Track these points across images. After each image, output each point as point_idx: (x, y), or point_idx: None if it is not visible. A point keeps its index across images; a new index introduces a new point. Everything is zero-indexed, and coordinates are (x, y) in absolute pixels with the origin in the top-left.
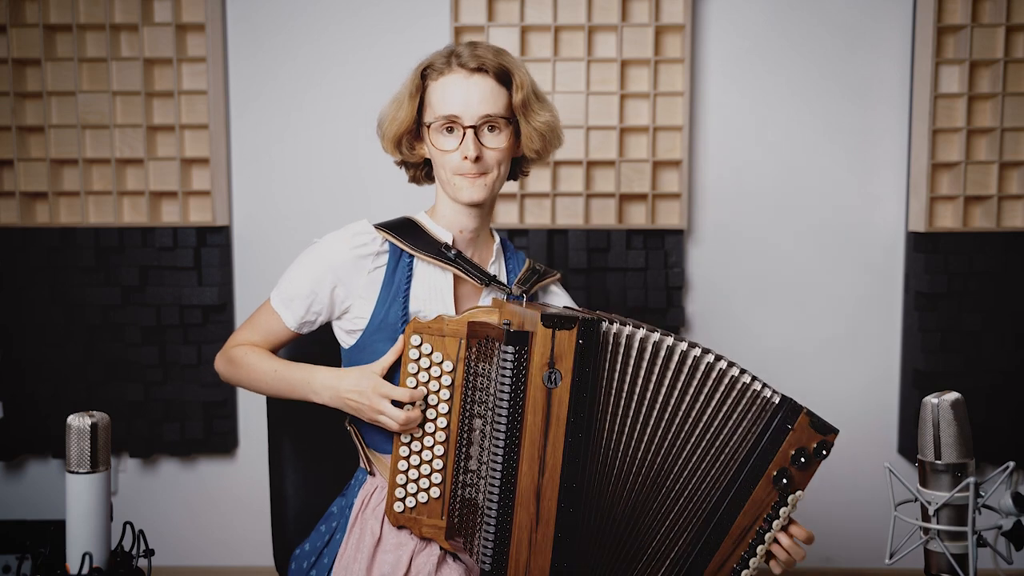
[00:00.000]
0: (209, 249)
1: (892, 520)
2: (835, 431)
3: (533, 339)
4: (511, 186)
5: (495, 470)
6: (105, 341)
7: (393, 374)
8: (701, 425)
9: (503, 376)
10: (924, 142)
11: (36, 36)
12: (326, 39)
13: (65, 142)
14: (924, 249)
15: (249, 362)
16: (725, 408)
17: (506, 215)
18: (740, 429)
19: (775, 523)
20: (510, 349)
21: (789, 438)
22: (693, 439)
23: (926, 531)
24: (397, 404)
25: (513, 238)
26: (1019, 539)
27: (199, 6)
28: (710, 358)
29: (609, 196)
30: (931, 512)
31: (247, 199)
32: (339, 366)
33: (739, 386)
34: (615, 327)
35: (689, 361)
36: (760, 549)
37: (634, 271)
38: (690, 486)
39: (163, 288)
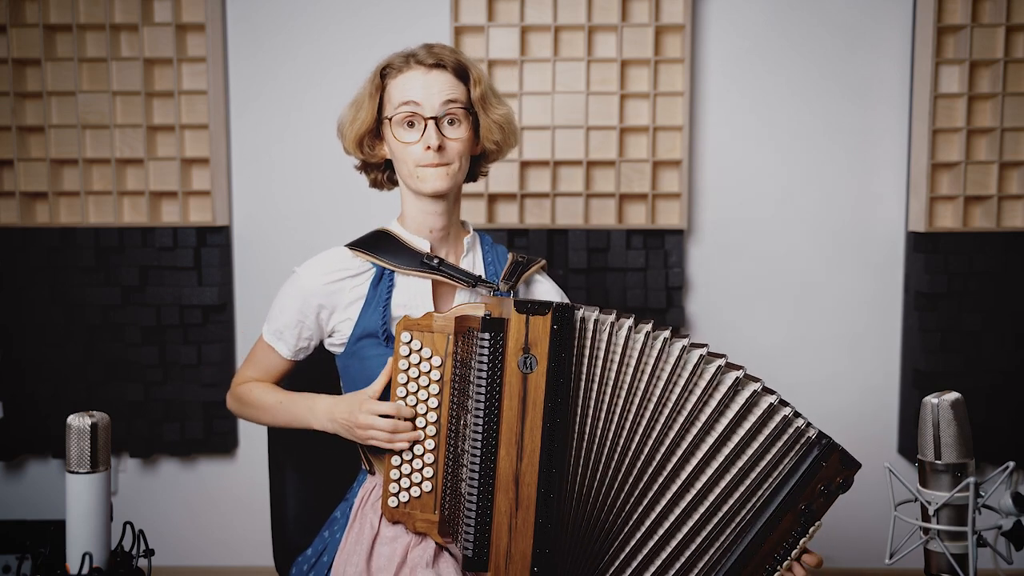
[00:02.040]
0: (209, 249)
1: (892, 520)
2: (858, 466)
3: (508, 325)
4: (511, 186)
5: (474, 456)
6: (105, 341)
7: (387, 389)
8: (707, 429)
9: (480, 362)
10: (924, 142)
11: (36, 36)
12: (326, 39)
13: (65, 142)
14: (924, 249)
15: (255, 397)
16: (748, 426)
17: (506, 215)
18: (770, 456)
19: (793, 552)
20: (486, 336)
21: (820, 474)
22: (693, 440)
23: (926, 531)
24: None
25: (513, 238)
26: (1019, 539)
27: (199, 6)
28: (721, 362)
29: (609, 196)
30: (931, 512)
31: (247, 199)
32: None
33: (765, 406)
34: (594, 314)
35: (677, 354)
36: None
37: (634, 271)
38: (711, 497)
39: (163, 288)
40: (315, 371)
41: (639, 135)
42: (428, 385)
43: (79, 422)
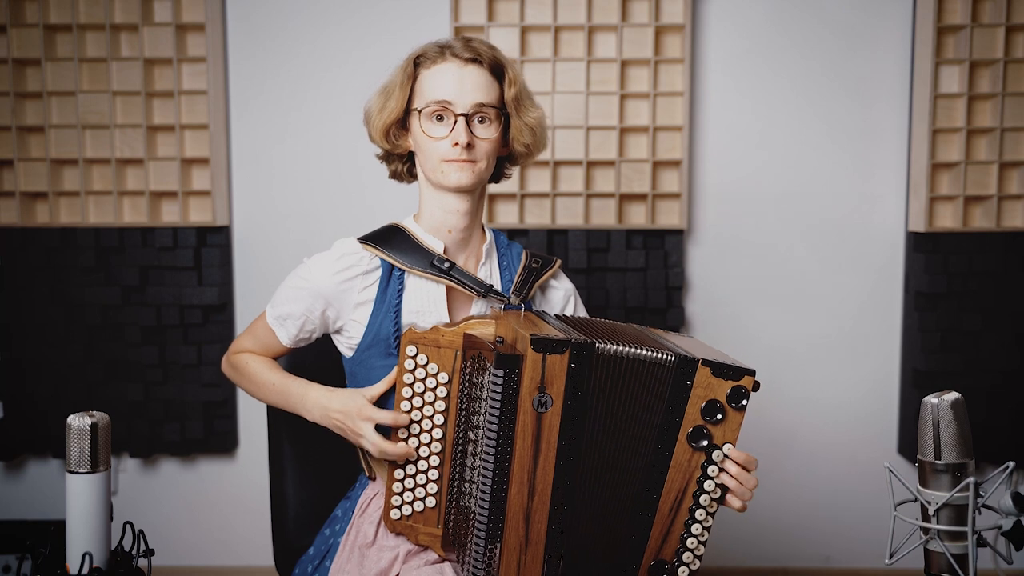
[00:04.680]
0: (209, 249)
1: (892, 520)
2: (747, 372)
3: (523, 363)
4: (511, 186)
5: (484, 492)
6: (105, 341)
7: (388, 397)
8: (632, 414)
9: (492, 400)
10: (924, 142)
11: (36, 36)
12: (326, 39)
13: (65, 142)
14: (924, 249)
15: (251, 371)
16: (637, 387)
17: (506, 215)
18: (650, 401)
19: (707, 483)
20: (500, 373)
21: (692, 395)
22: (628, 429)
23: (926, 531)
24: (382, 430)
25: (513, 238)
26: (1019, 539)
27: (199, 6)
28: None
29: (609, 196)
30: (931, 512)
31: (247, 199)
32: (340, 370)
33: (645, 360)
34: (611, 348)
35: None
36: (699, 514)
37: (634, 271)
38: (628, 473)
39: (163, 288)
40: (314, 355)
41: (639, 135)
42: (434, 401)
43: (79, 422)
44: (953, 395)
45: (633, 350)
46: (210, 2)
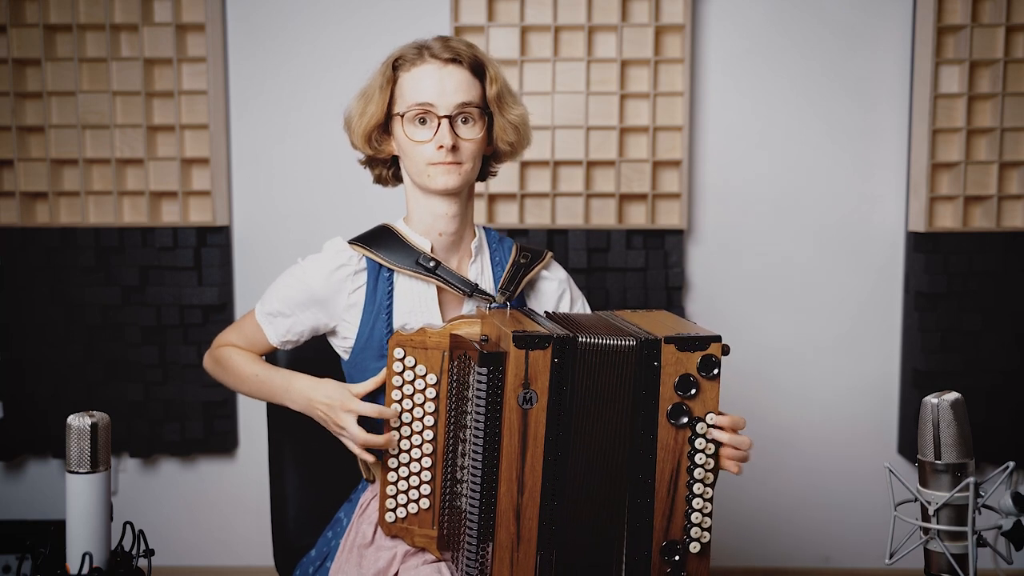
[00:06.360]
0: (209, 249)
1: (892, 520)
2: (713, 339)
3: (507, 360)
4: (511, 186)
5: (474, 491)
6: (105, 341)
7: (378, 399)
8: (611, 404)
9: (478, 398)
10: (924, 142)
11: (36, 36)
12: (326, 39)
13: (65, 142)
14: (924, 249)
15: (234, 363)
16: (611, 376)
17: (506, 215)
18: (624, 388)
19: (698, 457)
20: (483, 371)
21: (663, 373)
22: (611, 419)
23: (926, 531)
24: (365, 425)
25: (513, 238)
26: (1019, 539)
27: (199, 6)
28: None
29: (609, 196)
30: (931, 512)
31: (247, 199)
32: (336, 367)
33: (612, 348)
34: (590, 341)
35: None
36: (697, 488)
37: (634, 271)
38: (619, 462)
39: (163, 288)
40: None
41: (639, 135)
42: (424, 403)
43: (79, 422)
44: (953, 395)
45: (603, 341)
46: (210, 2)
